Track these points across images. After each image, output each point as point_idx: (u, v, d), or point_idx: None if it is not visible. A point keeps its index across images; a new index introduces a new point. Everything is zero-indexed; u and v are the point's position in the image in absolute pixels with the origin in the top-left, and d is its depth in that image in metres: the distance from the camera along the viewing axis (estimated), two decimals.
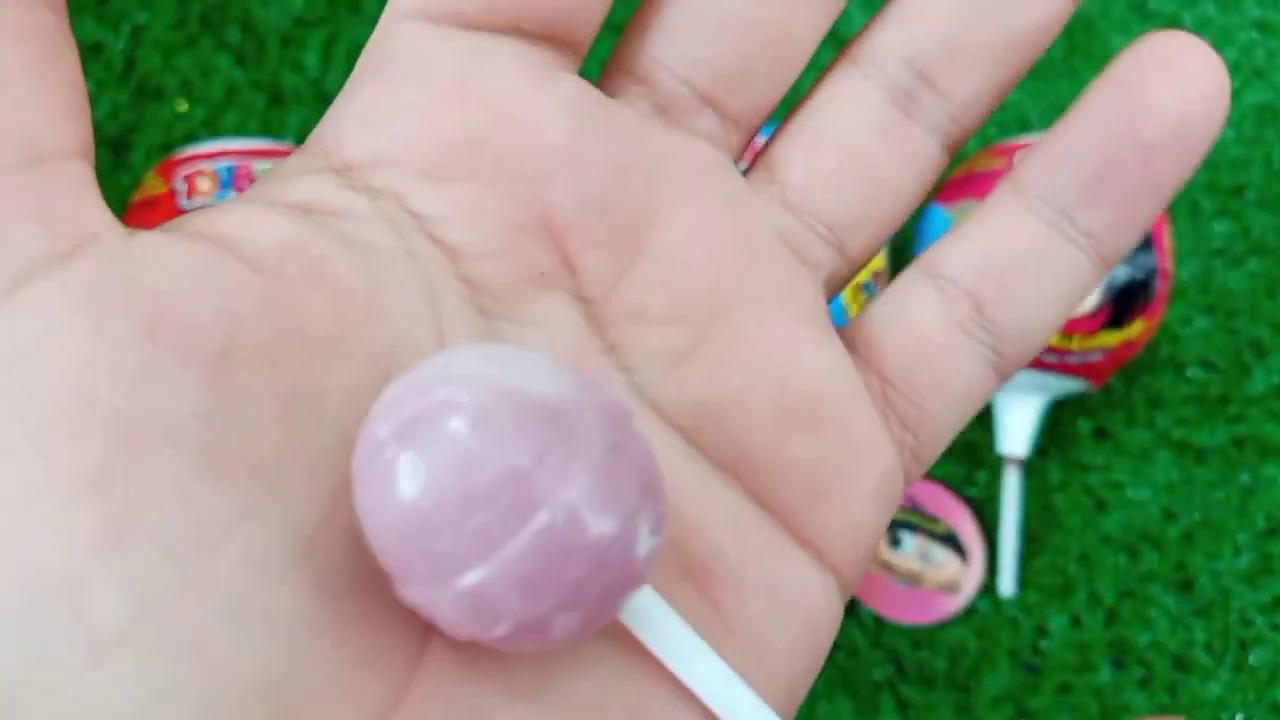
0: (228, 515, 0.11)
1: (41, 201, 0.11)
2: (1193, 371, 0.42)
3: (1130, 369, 0.41)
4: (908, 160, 0.15)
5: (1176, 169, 0.14)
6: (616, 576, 0.11)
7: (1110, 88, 0.14)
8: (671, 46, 0.14)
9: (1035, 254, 0.15)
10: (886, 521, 0.15)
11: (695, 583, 0.13)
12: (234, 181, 0.35)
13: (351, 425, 0.12)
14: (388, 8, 0.14)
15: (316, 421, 0.11)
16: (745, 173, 0.15)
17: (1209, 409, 0.41)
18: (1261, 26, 0.44)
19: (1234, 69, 0.44)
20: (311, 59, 0.44)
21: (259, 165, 0.36)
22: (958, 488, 0.41)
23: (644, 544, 0.11)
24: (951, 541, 0.40)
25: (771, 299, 0.15)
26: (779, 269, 0.15)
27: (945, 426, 0.15)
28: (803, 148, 0.15)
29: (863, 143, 0.15)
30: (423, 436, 0.10)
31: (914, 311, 0.15)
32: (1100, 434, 0.41)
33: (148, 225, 0.38)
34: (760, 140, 0.31)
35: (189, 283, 0.11)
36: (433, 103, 0.13)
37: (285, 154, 0.36)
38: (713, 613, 0.13)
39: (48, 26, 0.12)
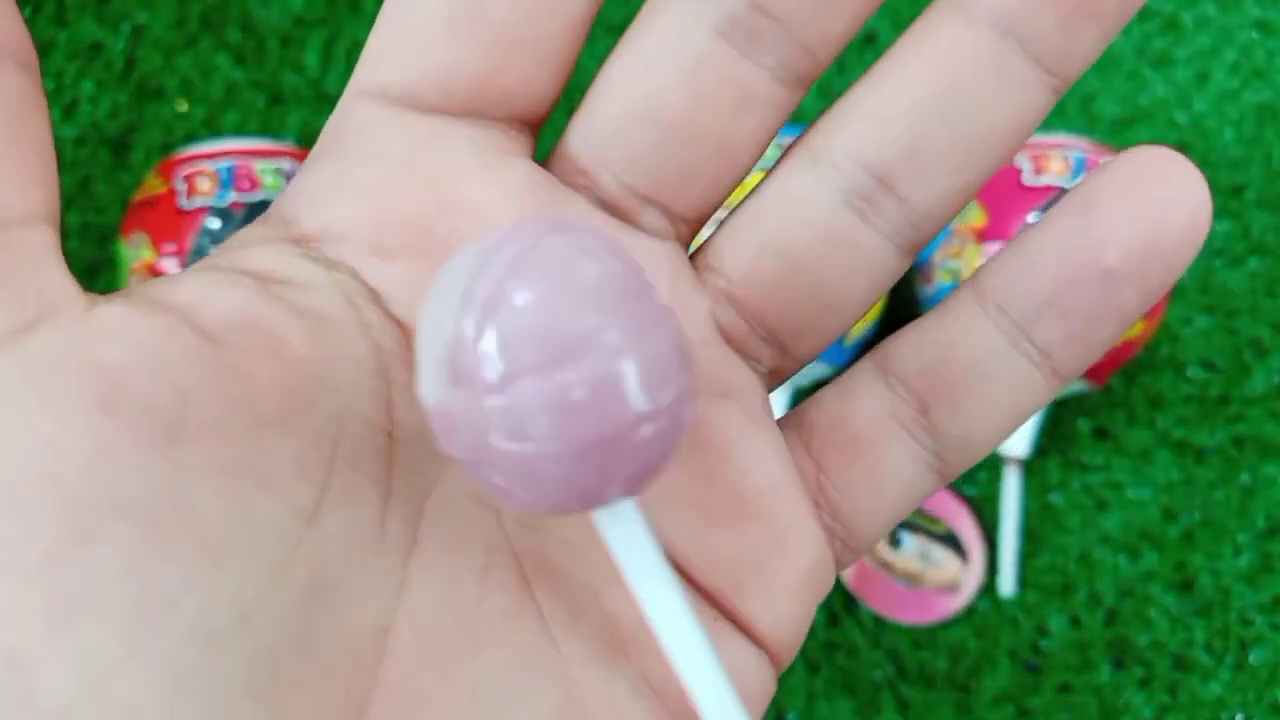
0: (175, 587, 0.11)
1: (3, 272, 0.11)
2: (1193, 371, 0.42)
3: (1130, 369, 0.41)
4: (858, 271, 0.15)
5: (1140, 294, 0.14)
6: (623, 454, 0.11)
7: (1077, 207, 0.14)
8: (612, 149, 0.14)
9: (986, 365, 0.15)
10: (814, 609, 0.15)
11: (628, 655, 0.14)
12: (234, 181, 0.35)
13: (297, 495, 0.12)
14: (349, 85, 0.14)
15: (262, 493, 0.12)
16: (694, 255, 0.15)
17: (1209, 409, 0.41)
18: (1261, 26, 0.44)
19: (1234, 69, 0.44)
20: (311, 59, 0.44)
21: (259, 165, 0.36)
22: (958, 488, 0.41)
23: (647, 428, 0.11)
24: (951, 541, 0.40)
25: (706, 392, 0.15)
26: (716, 364, 0.15)
27: (877, 521, 0.15)
28: (751, 247, 0.15)
29: (811, 255, 0.15)
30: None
31: (859, 404, 0.15)
32: (1100, 434, 0.41)
33: (148, 225, 0.38)
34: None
35: (143, 357, 0.11)
36: (384, 184, 0.14)
37: (285, 154, 0.36)
38: (643, 683, 0.14)
39: (16, 87, 0.12)
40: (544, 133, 0.15)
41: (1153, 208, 0.13)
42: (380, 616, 0.12)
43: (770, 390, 0.16)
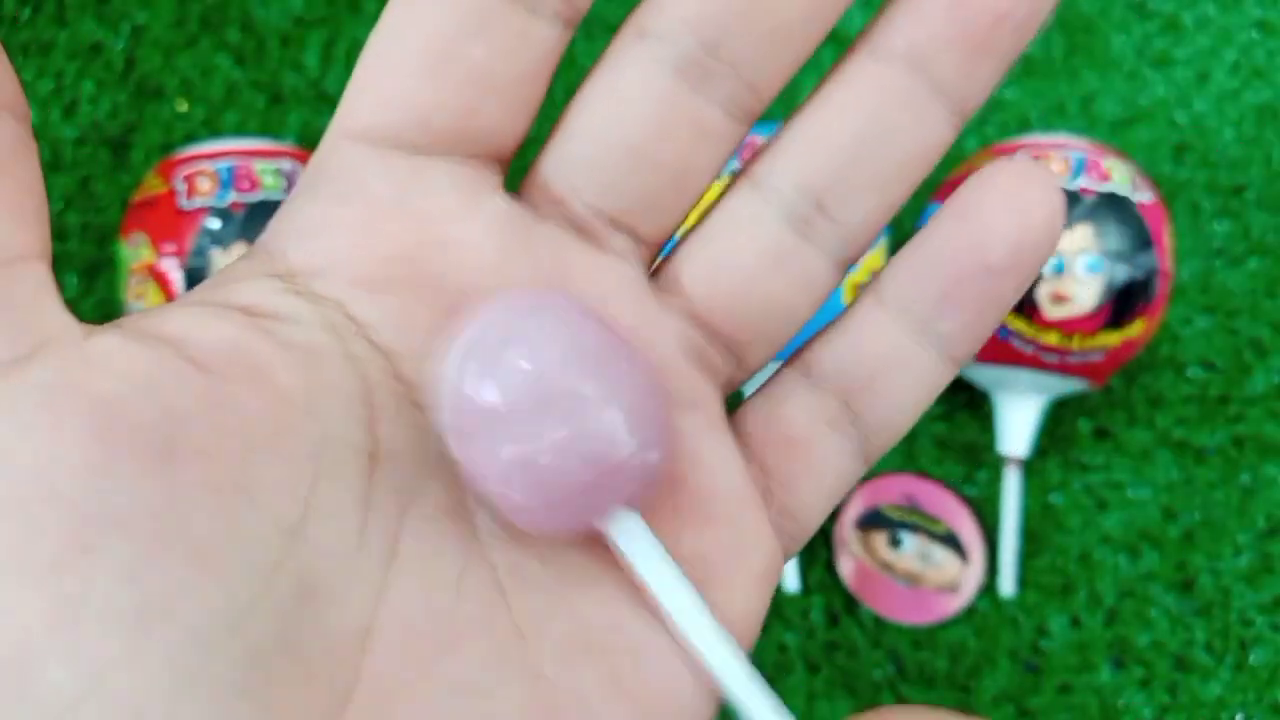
0: (170, 593, 0.12)
1: (3, 307, 0.12)
2: (1193, 371, 0.42)
3: (1130, 369, 0.41)
4: (801, 284, 0.16)
5: (1016, 283, 0.16)
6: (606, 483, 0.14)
7: (956, 215, 0.16)
8: (583, 177, 0.16)
9: (896, 357, 0.16)
10: (769, 600, 0.17)
11: (597, 655, 0.15)
12: (234, 181, 0.35)
13: (282, 510, 0.13)
14: (332, 126, 0.15)
15: (250, 509, 0.13)
16: (655, 272, 0.17)
17: (1209, 409, 0.41)
18: (1261, 26, 0.44)
19: (1234, 69, 0.44)
20: (311, 59, 0.44)
21: (259, 165, 0.36)
22: (958, 488, 0.41)
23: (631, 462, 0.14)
24: (951, 541, 0.40)
25: (673, 405, 0.16)
26: (679, 377, 0.16)
27: (817, 510, 0.17)
28: (706, 267, 0.16)
29: (760, 272, 0.16)
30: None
31: (790, 409, 0.17)
32: (1100, 434, 0.41)
33: (148, 225, 0.38)
34: (758, 139, 0.31)
35: (138, 386, 0.12)
36: (367, 221, 0.15)
37: (285, 154, 0.36)
38: (611, 681, 0.15)
39: (10, 136, 0.13)
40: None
41: (1020, 210, 0.15)
42: (361, 619, 0.13)
43: (724, 399, 0.17)
